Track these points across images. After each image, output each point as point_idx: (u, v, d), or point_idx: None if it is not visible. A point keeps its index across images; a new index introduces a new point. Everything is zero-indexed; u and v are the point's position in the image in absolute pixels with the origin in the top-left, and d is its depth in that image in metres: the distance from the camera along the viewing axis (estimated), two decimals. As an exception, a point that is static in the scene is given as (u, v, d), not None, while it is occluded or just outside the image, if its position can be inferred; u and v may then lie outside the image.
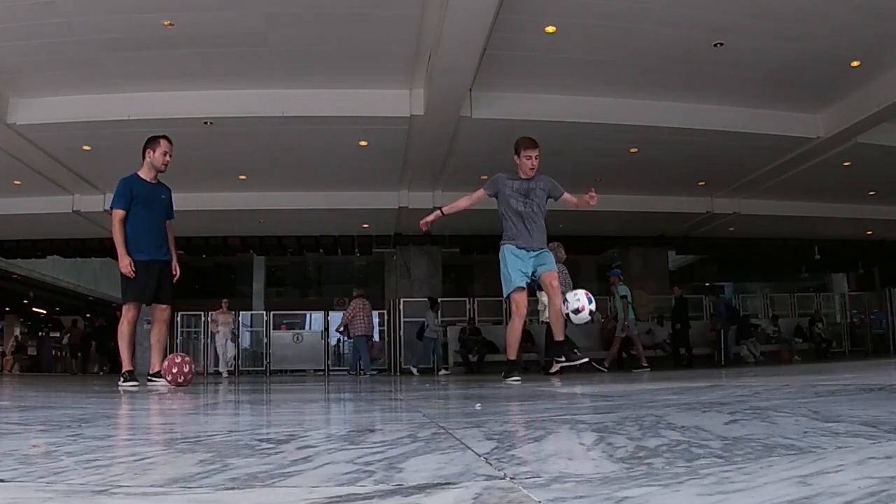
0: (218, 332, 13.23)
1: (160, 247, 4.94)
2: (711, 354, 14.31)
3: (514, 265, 4.93)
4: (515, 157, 5.17)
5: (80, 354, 18.67)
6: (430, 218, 5.20)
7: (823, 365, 8.33)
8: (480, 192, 5.22)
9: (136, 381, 4.70)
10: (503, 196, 5.12)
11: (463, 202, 5.30)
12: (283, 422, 2.02)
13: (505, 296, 5.07)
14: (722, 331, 13.80)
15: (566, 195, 5.26)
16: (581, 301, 5.08)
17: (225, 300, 13.71)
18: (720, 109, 9.63)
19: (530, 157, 5.08)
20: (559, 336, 5.16)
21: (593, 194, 5.10)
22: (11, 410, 2.69)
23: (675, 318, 13.08)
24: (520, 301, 4.93)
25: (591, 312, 5.13)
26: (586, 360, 5.11)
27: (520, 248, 4.98)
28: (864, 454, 0.95)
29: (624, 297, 10.80)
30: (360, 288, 12.70)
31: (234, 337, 14.11)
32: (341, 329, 12.45)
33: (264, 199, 12.76)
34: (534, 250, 5.01)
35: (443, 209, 5.26)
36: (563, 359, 5.12)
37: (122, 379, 4.76)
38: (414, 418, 1.96)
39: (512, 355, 5.15)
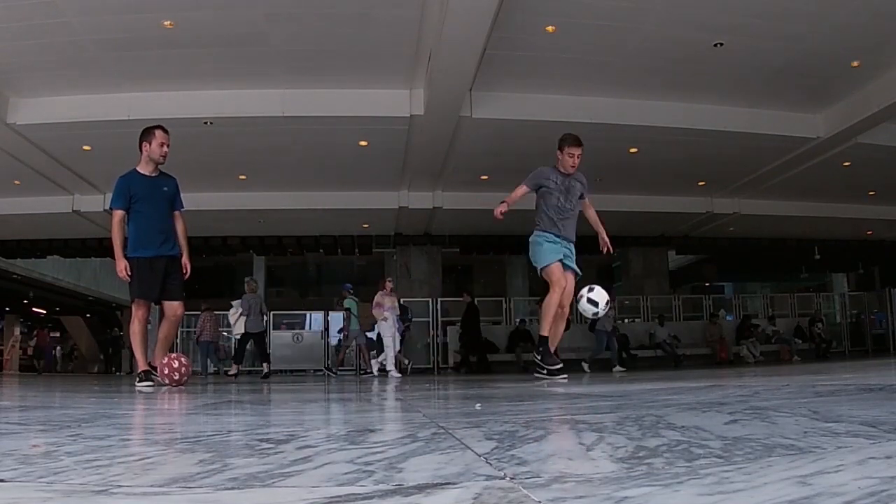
0: (385, 319, 10.16)
1: (166, 241, 4.76)
2: (713, 355, 14.33)
3: (550, 247, 5.06)
4: (559, 152, 5.20)
5: (42, 358, 19.92)
6: (503, 209, 5.16)
7: (823, 365, 8.33)
8: (523, 189, 5.20)
9: (152, 381, 4.55)
10: (544, 190, 5.17)
11: (519, 191, 5.24)
12: (283, 422, 2.02)
13: (540, 270, 5.10)
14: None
15: (587, 201, 5.36)
16: (602, 298, 5.06)
17: (389, 278, 10.77)
18: (720, 109, 9.63)
19: (573, 154, 5.13)
20: (544, 331, 5.14)
21: (608, 247, 5.30)
22: (11, 410, 2.69)
23: (465, 326, 13.26)
24: (556, 271, 4.99)
25: (594, 314, 5.19)
26: (560, 365, 5.08)
27: (555, 236, 5.12)
28: (864, 454, 0.95)
29: (348, 309, 11.70)
30: (208, 302, 13.45)
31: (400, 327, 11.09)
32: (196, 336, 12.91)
33: (264, 199, 12.77)
34: (566, 240, 5.15)
35: (507, 200, 5.17)
36: (540, 358, 5.11)
37: (137, 379, 4.65)
38: (414, 418, 1.96)
39: (545, 331, 5.10)
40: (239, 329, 10.89)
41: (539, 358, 5.13)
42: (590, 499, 0.73)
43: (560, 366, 5.08)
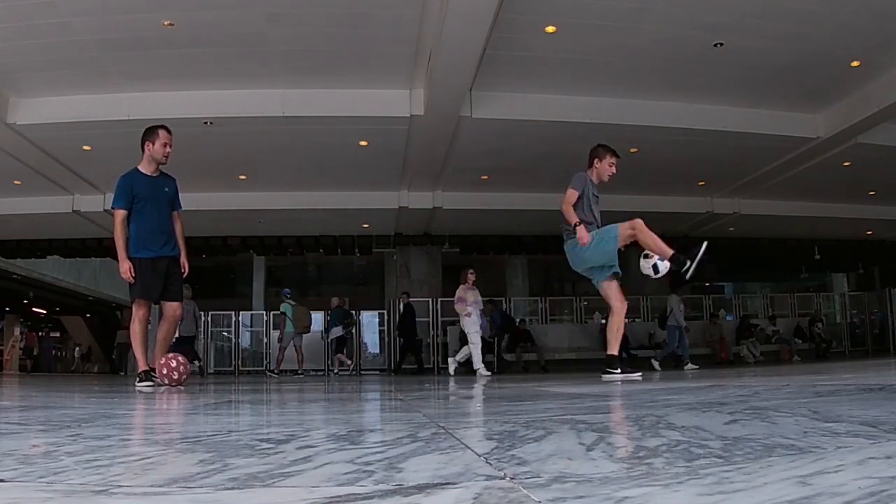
0: (468, 315, 9.45)
1: (167, 242, 4.77)
2: (713, 355, 14.32)
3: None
4: (598, 161, 5.21)
5: (31, 358, 20.74)
6: (583, 234, 4.91)
7: (823, 365, 8.33)
8: (573, 193, 5.00)
9: (152, 381, 4.55)
10: (583, 199, 5.09)
11: (573, 198, 5.01)
12: (283, 421, 2.02)
13: (600, 281, 5.01)
14: (496, 339, 13.99)
15: None
16: (653, 260, 4.95)
17: (471, 270, 9.81)
18: (720, 109, 9.63)
19: (613, 164, 5.22)
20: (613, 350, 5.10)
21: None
22: (11, 410, 2.69)
23: (401, 326, 13.36)
24: (619, 289, 4.96)
25: (655, 266, 4.94)
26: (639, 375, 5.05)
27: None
28: (864, 454, 0.95)
29: (283, 313, 12.10)
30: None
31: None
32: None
33: (264, 199, 12.77)
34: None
35: (576, 222, 4.93)
36: (619, 371, 5.03)
37: (137, 379, 4.66)
38: (414, 418, 1.96)
39: (615, 350, 5.10)
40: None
41: (619, 372, 5.00)
42: (590, 499, 0.73)
43: (640, 374, 5.06)
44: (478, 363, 9.32)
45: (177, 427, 1.89)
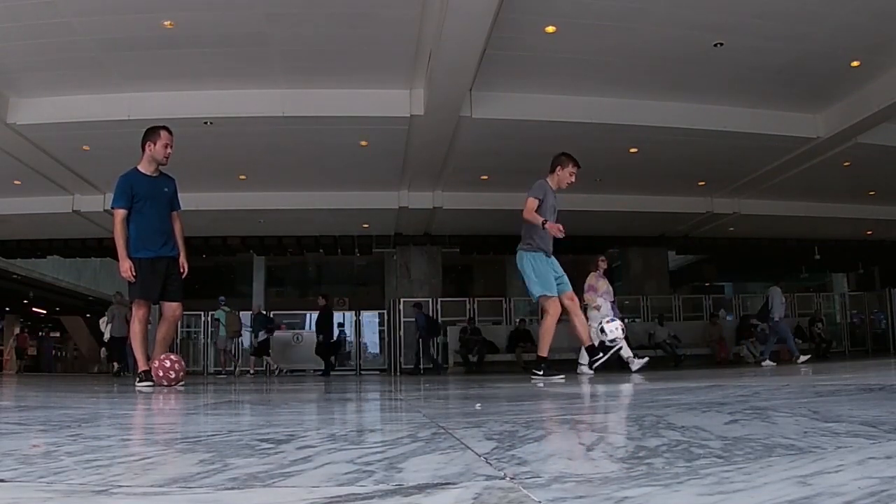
0: (598, 307, 8.12)
1: (166, 242, 4.76)
2: (713, 354, 14.33)
3: (546, 273, 5.15)
4: (560, 168, 5.29)
5: (22, 358, 20.95)
6: (553, 227, 5.09)
7: (823, 365, 8.33)
8: (533, 201, 5.14)
9: (153, 381, 4.54)
10: (545, 204, 5.19)
11: (534, 206, 5.17)
12: (283, 422, 2.02)
13: (535, 298, 5.21)
14: (420, 340, 14.27)
15: None
16: (614, 325, 5.56)
17: (602, 257, 8.56)
18: (720, 109, 9.63)
19: (573, 173, 5.27)
20: (543, 352, 5.25)
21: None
22: (11, 410, 2.69)
23: (318, 329, 13.60)
24: (554, 303, 5.15)
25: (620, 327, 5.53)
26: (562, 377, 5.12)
27: (546, 256, 5.20)
28: (864, 454, 0.95)
29: (217, 319, 12.76)
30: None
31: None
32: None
33: (264, 199, 12.77)
34: (551, 256, 5.27)
35: (542, 221, 5.10)
36: (542, 374, 5.12)
37: (137, 379, 4.66)
38: (414, 418, 1.96)
39: (545, 352, 5.26)
40: (107, 334, 13.07)
41: (542, 374, 5.09)
42: (590, 499, 0.73)
43: (562, 376, 5.14)
44: (584, 358, 7.53)
45: (177, 427, 1.89)
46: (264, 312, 14.57)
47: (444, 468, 0.95)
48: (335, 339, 13.96)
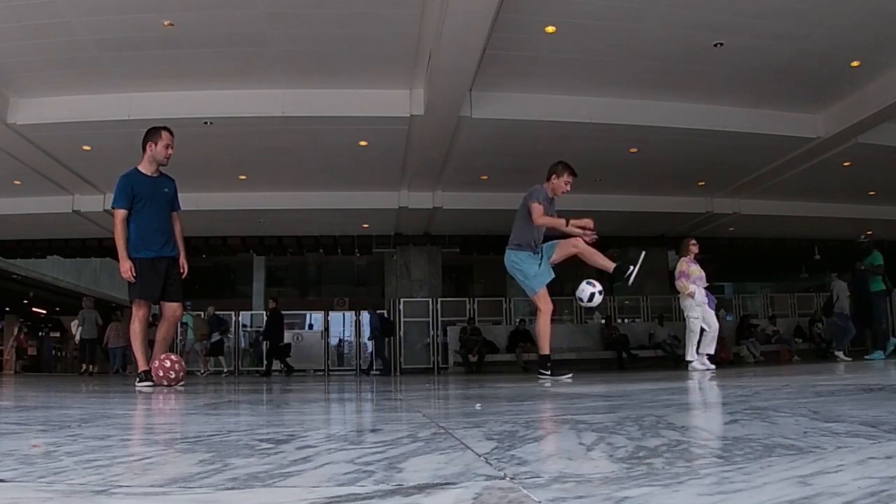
0: (692, 294, 7.54)
1: (167, 243, 4.76)
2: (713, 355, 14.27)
3: (535, 267, 5.19)
4: (555, 177, 5.31)
5: (20, 359, 20.87)
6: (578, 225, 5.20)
7: (824, 365, 8.33)
8: (538, 206, 5.18)
9: (153, 381, 4.54)
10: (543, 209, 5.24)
11: (541, 210, 5.22)
12: (283, 422, 2.02)
13: (534, 291, 5.21)
14: (374, 342, 14.47)
15: None
16: (585, 290, 5.27)
17: (693, 240, 8.15)
18: (720, 109, 9.63)
19: (569, 182, 5.31)
20: (545, 350, 5.25)
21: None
22: (11, 410, 2.69)
23: (266, 334, 13.83)
24: (547, 296, 5.19)
25: (599, 293, 5.34)
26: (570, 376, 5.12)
27: (533, 254, 5.26)
28: (864, 454, 0.95)
29: (185, 323, 13.32)
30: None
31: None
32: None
33: (264, 199, 12.77)
34: (539, 254, 5.31)
35: (562, 223, 5.22)
36: (549, 374, 5.12)
37: (138, 379, 4.66)
38: (414, 418, 1.96)
39: (546, 350, 5.25)
40: (78, 336, 13.97)
41: (549, 373, 5.09)
42: (590, 499, 0.73)
43: (570, 375, 5.14)
44: (691, 354, 7.31)
45: (177, 427, 1.89)
46: (217, 314, 14.85)
47: (444, 468, 0.95)
48: (284, 342, 14.01)
